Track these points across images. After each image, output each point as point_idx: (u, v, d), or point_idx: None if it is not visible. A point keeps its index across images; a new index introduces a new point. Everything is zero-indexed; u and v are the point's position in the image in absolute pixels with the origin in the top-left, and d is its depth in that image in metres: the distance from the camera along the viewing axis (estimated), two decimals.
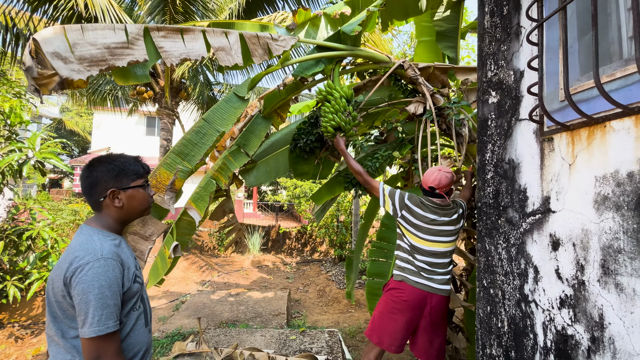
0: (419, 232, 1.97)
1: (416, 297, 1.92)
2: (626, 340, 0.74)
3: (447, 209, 1.99)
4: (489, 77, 1.36)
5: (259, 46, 2.21)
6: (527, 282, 1.06)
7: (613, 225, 0.78)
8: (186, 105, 8.43)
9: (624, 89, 0.77)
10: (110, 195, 1.07)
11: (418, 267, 1.96)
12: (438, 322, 1.96)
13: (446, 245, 1.96)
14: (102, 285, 0.93)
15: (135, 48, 1.73)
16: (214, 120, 2.28)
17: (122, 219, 1.12)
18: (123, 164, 1.11)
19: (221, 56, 2.02)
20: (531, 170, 1.09)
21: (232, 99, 2.39)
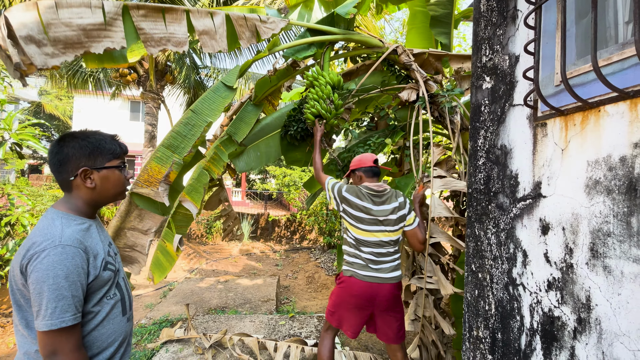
0: (360, 224, 1.95)
1: (366, 291, 1.93)
2: (612, 321, 0.76)
3: (384, 195, 1.97)
4: (483, 62, 1.35)
5: (247, 28, 2.13)
6: (515, 265, 1.08)
7: (603, 209, 0.79)
8: (172, 89, 8.20)
9: (619, 73, 0.77)
10: (81, 175, 0.99)
11: (365, 259, 1.95)
12: (391, 307, 1.97)
13: (390, 235, 1.95)
14: (57, 275, 0.85)
15: (113, 30, 1.62)
16: (202, 111, 2.24)
17: (93, 201, 1.03)
18: (98, 142, 1.03)
19: (205, 40, 1.93)
20: (523, 156, 1.09)
21: (220, 88, 2.34)
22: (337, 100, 2.34)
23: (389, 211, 1.94)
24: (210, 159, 2.35)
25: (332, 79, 2.38)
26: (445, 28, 2.89)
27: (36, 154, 19.71)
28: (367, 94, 2.76)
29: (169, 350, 2.78)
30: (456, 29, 3.08)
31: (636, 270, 0.71)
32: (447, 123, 2.38)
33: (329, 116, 2.34)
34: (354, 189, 1.99)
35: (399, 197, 2.00)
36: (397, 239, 1.98)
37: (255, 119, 2.56)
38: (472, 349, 1.29)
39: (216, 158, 2.38)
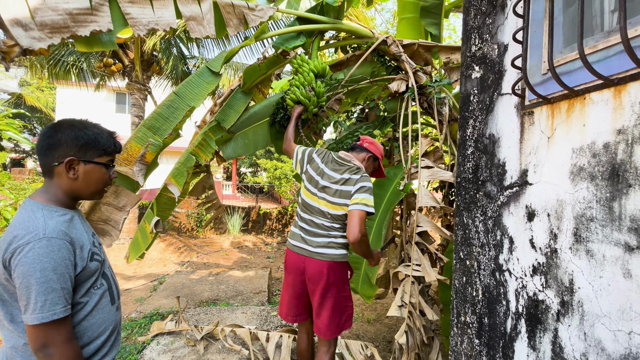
0: (308, 184, 1.88)
1: (293, 262, 1.86)
2: (594, 303, 0.78)
3: (343, 165, 1.86)
4: (472, 51, 1.36)
5: (234, 16, 2.11)
6: (502, 252, 1.10)
7: (587, 195, 0.81)
8: (159, 80, 8.01)
9: (605, 61, 0.78)
10: (66, 164, 0.96)
11: (299, 227, 1.88)
12: (320, 291, 1.81)
13: (328, 205, 1.79)
14: (45, 268, 0.84)
15: (99, 14, 1.62)
16: (186, 95, 2.22)
17: (72, 192, 1.01)
18: (95, 135, 1.00)
19: (192, 26, 1.92)
20: (511, 145, 1.11)
21: (204, 73, 2.32)
22: (319, 88, 2.32)
23: (334, 179, 1.81)
24: (198, 144, 2.34)
25: (317, 66, 2.36)
26: (435, 19, 2.88)
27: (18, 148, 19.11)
28: (356, 84, 2.75)
29: (160, 343, 2.77)
30: (447, 19, 3.07)
31: (617, 253, 0.74)
32: (435, 114, 2.40)
33: (308, 103, 2.33)
34: (326, 153, 1.95)
35: (357, 175, 1.79)
36: (333, 215, 1.78)
37: (244, 107, 2.53)
38: (460, 334, 1.32)
39: (204, 144, 2.37)
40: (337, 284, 1.82)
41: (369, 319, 3.56)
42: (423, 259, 2.00)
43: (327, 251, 1.80)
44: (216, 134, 2.41)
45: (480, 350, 1.20)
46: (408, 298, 1.99)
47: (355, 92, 3.03)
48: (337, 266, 1.81)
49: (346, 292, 1.90)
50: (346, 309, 1.90)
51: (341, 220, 1.81)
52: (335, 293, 1.83)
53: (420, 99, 2.49)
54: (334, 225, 1.81)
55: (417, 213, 2.06)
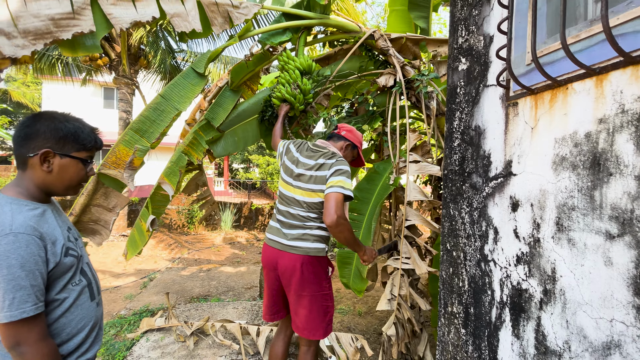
0: (284, 174, 1.83)
1: (268, 257, 1.79)
2: (576, 291, 0.79)
3: (318, 151, 1.79)
4: (459, 43, 1.35)
5: (219, 14, 2.11)
6: (487, 242, 1.11)
7: (569, 184, 0.82)
8: (147, 74, 7.87)
9: (587, 50, 0.78)
10: (41, 155, 0.92)
11: (276, 220, 1.82)
12: (293, 287, 1.70)
13: (303, 193, 1.71)
14: (11, 265, 0.81)
15: (81, 18, 1.62)
16: (172, 97, 2.22)
17: (45, 186, 0.97)
18: (76, 129, 0.97)
19: (177, 22, 1.92)
20: (496, 136, 1.11)
21: (189, 74, 2.31)
22: (305, 85, 2.31)
23: (308, 166, 1.74)
24: (189, 143, 2.34)
25: (302, 63, 2.35)
26: (423, 12, 2.87)
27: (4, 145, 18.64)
28: (345, 79, 2.74)
29: (149, 340, 2.75)
30: (435, 12, 3.06)
31: (598, 241, 0.74)
32: (423, 108, 2.40)
33: (294, 101, 2.33)
34: (303, 142, 1.90)
35: (332, 159, 1.71)
36: (309, 203, 1.70)
37: (232, 105, 2.51)
38: (447, 324, 1.33)
39: (195, 143, 2.37)
40: (313, 281, 1.70)
41: (360, 312, 3.59)
42: (412, 252, 2.01)
43: (301, 244, 1.70)
44: (206, 133, 2.41)
45: (466, 340, 1.21)
46: (397, 291, 2.00)
47: (344, 87, 3.02)
48: (311, 261, 1.70)
49: (324, 290, 1.76)
50: (327, 310, 1.77)
51: (317, 209, 1.71)
52: (311, 291, 1.71)
53: (409, 93, 2.48)
54: (309, 215, 1.71)
55: (406, 207, 2.07)
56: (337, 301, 3.94)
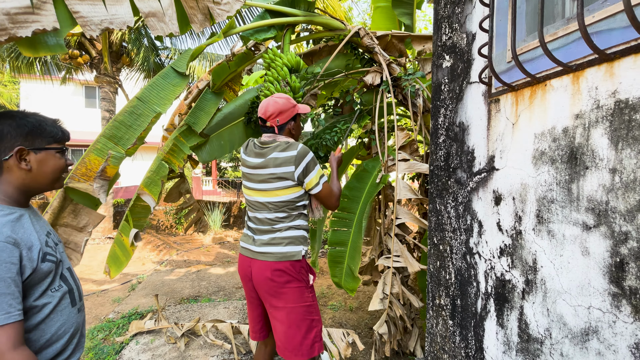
0: (245, 181, 1.69)
1: (242, 267, 1.63)
2: (555, 280, 0.82)
3: (267, 147, 1.59)
4: (443, 40, 1.37)
5: (198, 11, 1.98)
6: (472, 236, 1.14)
7: (548, 178, 0.85)
8: (130, 72, 7.69)
9: (564, 48, 0.80)
10: (17, 155, 0.90)
11: (247, 227, 1.69)
12: (269, 299, 1.53)
13: (263, 194, 1.57)
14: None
15: (42, 13, 1.45)
16: (150, 100, 2.08)
17: (26, 187, 0.94)
18: (39, 122, 0.95)
19: (152, 23, 1.78)
20: (479, 132, 1.13)
21: (169, 74, 2.19)
22: (295, 82, 2.29)
23: (261, 165, 1.57)
24: (169, 150, 2.24)
25: (290, 60, 2.32)
26: (407, 9, 2.89)
27: None
28: (332, 78, 2.74)
29: (139, 342, 2.71)
30: (419, 9, 3.09)
31: (576, 232, 0.77)
32: (410, 106, 2.43)
33: None
34: (247, 143, 1.73)
35: (290, 151, 1.54)
36: (275, 203, 1.55)
37: (215, 108, 2.46)
38: (435, 317, 1.36)
39: (176, 150, 2.26)
40: (289, 291, 1.50)
41: (351, 307, 3.62)
42: (404, 250, 2.04)
43: (271, 249, 1.52)
44: (188, 139, 2.31)
45: (454, 331, 1.24)
46: (389, 289, 2.03)
47: (330, 86, 3.02)
48: (285, 267, 1.50)
49: (306, 301, 1.54)
50: (312, 325, 1.54)
51: (286, 207, 1.56)
52: (288, 302, 1.51)
53: (395, 91, 2.51)
54: (277, 215, 1.55)
55: (396, 205, 2.09)
56: (329, 297, 3.97)
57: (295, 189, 1.55)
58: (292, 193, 1.55)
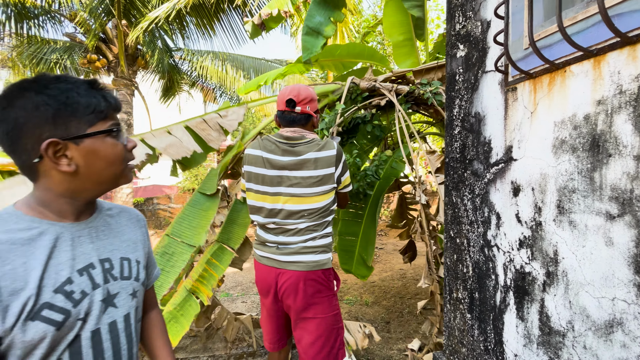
0: (257, 185, 1.44)
1: (263, 276, 1.48)
2: (578, 272, 0.80)
3: (297, 143, 1.42)
4: (457, 29, 1.34)
5: (211, 129, 2.08)
6: (489, 228, 1.12)
7: (569, 167, 0.82)
8: (145, 74, 7.87)
9: (584, 32, 0.78)
10: (49, 153, 0.59)
11: (262, 238, 1.50)
12: (298, 309, 1.42)
13: (295, 201, 1.39)
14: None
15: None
16: (182, 233, 1.86)
17: (76, 193, 0.65)
18: (66, 94, 0.60)
19: (174, 151, 1.87)
20: (495, 122, 1.11)
21: (198, 201, 1.98)
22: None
23: (294, 164, 1.39)
24: (198, 277, 1.89)
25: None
26: (418, 0, 2.83)
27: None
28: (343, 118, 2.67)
29: None
30: (429, 0, 3.02)
31: (599, 222, 0.75)
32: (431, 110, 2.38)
33: None
34: (258, 141, 1.49)
35: (328, 150, 1.40)
36: (310, 209, 1.39)
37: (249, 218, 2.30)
38: (453, 310, 1.35)
39: (206, 276, 1.91)
40: (319, 300, 1.43)
41: (367, 302, 3.63)
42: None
43: (303, 258, 1.41)
44: (222, 259, 1.98)
45: (472, 324, 1.23)
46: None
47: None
48: (316, 277, 1.42)
49: (335, 309, 1.48)
50: (338, 333, 1.48)
51: (320, 215, 1.42)
52: (318, 312, 1.43)
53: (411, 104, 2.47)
54: (310, 224, 1.41)
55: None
56: (344, 292, 3.98)
57: (331, 193, 1.43)
58: (328, 199, 1.43)
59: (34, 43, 6.76)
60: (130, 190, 7.50)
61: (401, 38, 3.18)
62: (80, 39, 7.34)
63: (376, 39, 8.57)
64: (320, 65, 3.17)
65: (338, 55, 2.94)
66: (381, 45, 8.59)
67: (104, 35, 6.94)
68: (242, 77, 7.92)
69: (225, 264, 1.96)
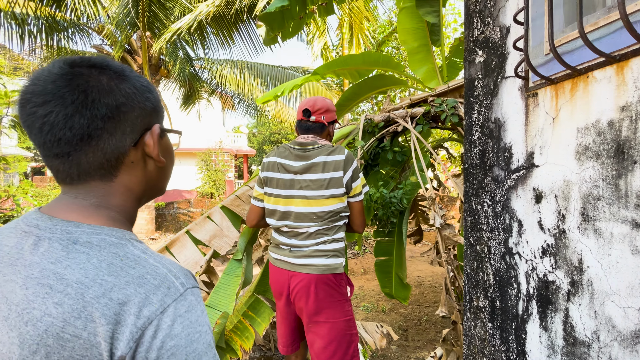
0: (272, 189, 1.52)
1: (277, 279, 1.52)
2: (603, 281, 0.79)
3: (309, 149, 1.48)
4: (475, 35, 1.34)
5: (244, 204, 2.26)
6: (511, 235, 1.11)
7: (593, 174, 0.81)
8: (167, 83, 8.16)
9: (606, 37, 0.77)
10: (155, 136, 0.53)
11: (276, 240, 1.55)
12: (310, 313, 1.44)
13: (305, 203, 1.44)
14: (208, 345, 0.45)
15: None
16: (218, 303, 1.87)
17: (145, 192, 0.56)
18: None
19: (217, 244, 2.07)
20: (516, 127, 1.10)
21: (233, 268, 2.03)
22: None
23: (304, 168, 1.44)
24: (233, 328, 1.86)
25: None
26: (433, 6, 2.81)
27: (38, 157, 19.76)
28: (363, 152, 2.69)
29: None
30: (444, 7, 3.00)
31: (624, 230, 0.74)
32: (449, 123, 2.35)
33: None
34: (274, 149, 1.61)
35: (337, 155, 1.45)
36: (320, 212, 1.44)
37: None
38: (473, 319, 1.33)
39: (241, 327, 1.86)
40: (331, 305, 1.45)
41: (384, 309, 3.59)
42: None
43: (314, 262, 1.45)
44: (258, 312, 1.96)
45: (493, 334, 1.21)
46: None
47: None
48: (328, 280, 1.44)
49: (347, 314, 1.49)
50: (352, 340, 1.48)
51: (331, 219, 1.46)
52: (329, 316, 1.44)
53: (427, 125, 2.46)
54: (321, 227, 1.46)
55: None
56: (360, 299, 3.96)
57: (342, 198, 1.48)
58: (338, 203, 1.46)
59: (63, 54, 7.14)
60: None
61: (416, 44, 3.17)
62: (107, 50, 7.70)
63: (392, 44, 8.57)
64: (336, 74, 3.20)
65: (354, 64, 2.96)
66: (397, 51, 8.58)
67: (129, 47, 7.25)
68: (259, 85, 8.08)
69: (262, 317, 1.92)
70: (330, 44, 7.30)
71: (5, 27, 5.68)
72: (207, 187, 10.83)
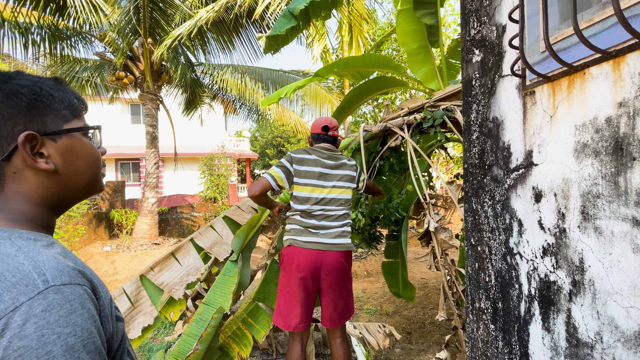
0: (309, 180, 1.86)
1: (308, 259, 1.76)
2: (605, 281, 0.77)
3: (336, 153, 2.00)
4: (472, 35, 1.34)
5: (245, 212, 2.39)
6: (511, 235, 1.09)
7: (592, 172, 0.80)
8: (169, 89, 8.21)
9: (601, 34, 0.76)
10: (26, 147, 0.50)
11: (306, 224, 1.83)
12: (338, 282, 1.82)
13: (336, 191, 1.89)
14: (70, 347, 0.41)
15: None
16: (214, 301, 1.94)
17: (55, 199, 0.55)
18: (39, 86, 0.53)
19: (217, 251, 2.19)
20: (514, 126, 1.09)
21: (229, 269, 2.10)
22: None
23: (336, 165, 1.94)
24: (231, 334, 1.88)
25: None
26: (430, 8, 2.80)
27: None
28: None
29: None
30: (442, 7, 2.99)
31: (625, 228, 0.72)
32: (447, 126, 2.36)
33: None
34: (301, 149, 1.95)
35: (352, 159, 2.05)
36: (346, 199, 1.92)
37: None
38: (475, 320, 1.31)
39: (239, 334, 1.89)
40: (349, 272, 1.93)
41: (388, 312, 3.56)
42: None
43: (342, 241, 1.86)
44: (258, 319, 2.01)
45: (496, 336, 1.19)
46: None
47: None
48: (349, 255, 1.91)
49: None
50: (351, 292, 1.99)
51: (347, 205, 1.94)
52: (349, 280, 1.92)
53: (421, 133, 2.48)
54: (345, 212, 1.91)
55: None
56: (364, 302, 3.93)
57: (354, 191, 2.03)
58: (351, 194, 1.98)
59: (66, 62, 7.22)
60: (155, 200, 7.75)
61: (415, 46, 3.17)
62: (109, 57, 7.77)
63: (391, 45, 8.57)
64: (338, 75, 3.21)
65: (354, 65, 2.97)
66: (397, 52, 8.57)
67: (131, 53, 7.32)
68: (260, 89, 8.11)
69: (261, 324, 1.96)
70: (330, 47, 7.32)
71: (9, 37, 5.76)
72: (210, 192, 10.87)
